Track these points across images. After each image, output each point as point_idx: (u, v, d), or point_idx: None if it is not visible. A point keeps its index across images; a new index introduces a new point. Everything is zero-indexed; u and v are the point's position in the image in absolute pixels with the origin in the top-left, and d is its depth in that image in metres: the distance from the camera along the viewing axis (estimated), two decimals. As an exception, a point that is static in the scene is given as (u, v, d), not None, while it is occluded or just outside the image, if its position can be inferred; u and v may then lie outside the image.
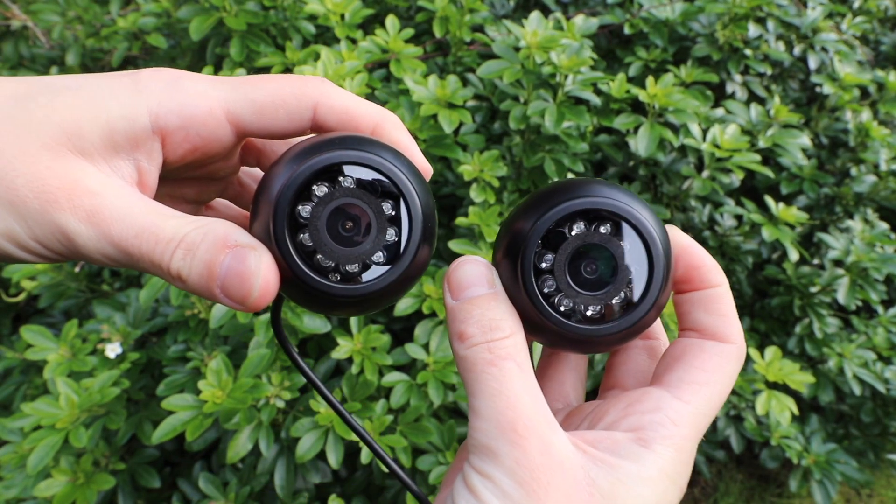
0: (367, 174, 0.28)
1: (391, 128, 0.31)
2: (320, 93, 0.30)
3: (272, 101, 0.29)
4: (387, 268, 0.28)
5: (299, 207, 0.27)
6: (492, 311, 0.29)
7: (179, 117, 0.28)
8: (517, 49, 1.17)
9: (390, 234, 0.28)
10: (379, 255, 0.28)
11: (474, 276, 0.30)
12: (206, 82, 0.29)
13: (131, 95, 0.27)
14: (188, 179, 0.35)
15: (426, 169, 0.32)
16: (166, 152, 0.29)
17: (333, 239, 0.28)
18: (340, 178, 0.28)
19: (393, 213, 0.28)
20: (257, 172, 0.38)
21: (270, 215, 0.27)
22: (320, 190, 0.28)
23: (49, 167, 0.26)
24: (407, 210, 0.28)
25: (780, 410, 1.22)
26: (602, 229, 0.29)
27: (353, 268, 0.28)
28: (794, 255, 1.31)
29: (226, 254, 0.26)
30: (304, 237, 0.27)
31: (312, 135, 0.31)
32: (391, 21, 1.23)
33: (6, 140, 0.25)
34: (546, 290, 0.29)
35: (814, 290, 1.42)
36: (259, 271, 0.26)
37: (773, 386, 1.28)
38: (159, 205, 0.27)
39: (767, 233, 1.29)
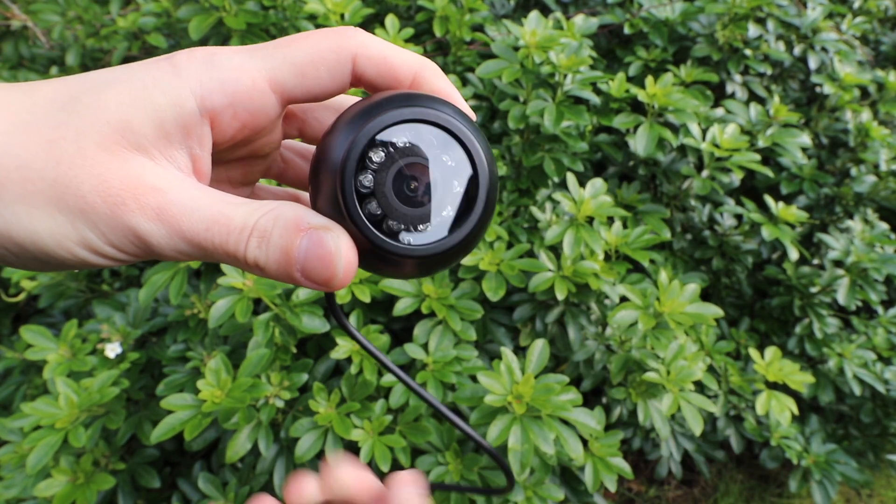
0: (426, 130, 0.28)
1: (431, 76, 0.31)
2: (357, 43, 0.29)
3: (311, 60, 0.29)
4: (460, 220, 0.28)
5: (360, 176, 0.27)
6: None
7: (224, 95, 0.27)
8: (516, 49, 1.17)
9: (456, 186, 0.28)
10: (449, 210, 0.28)
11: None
12: (242, 53, 0.28)
13: (173, 81, 0.27)
14: (233, 161, 0.34)
15: (471, 115, 0.32)
16: (215, 134, 0.29)
17: (401, 201, 0.27)
18: (397, 139, 0.27)
19: (456, 166, 0.28)
20: (298, 147, 0.37)
21: (337, 189, 0.27)
22: (377, 155, 0.27)
23: (109, 168, 0.25)
24: (470, 159, 0.28)
25: (780, 410, 1.22)
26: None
27: (424, 226, 0.28)
28: (794, 255, 1.31)
29: (301, 237, 0.26)
30: (372, 205, 0.27)
31: (357, 98, 0.30)
32: (391, 20, 1.23)
33: (62, 147, 0.25)
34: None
35: (814, 290, 1.42)
36: (340, 251, 0.26)
37: (773, 386, 1.28)
38: (222, 193, 0.27)
39: (767, 232, 1.29)
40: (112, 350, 1.01)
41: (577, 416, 0.93)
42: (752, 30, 1.46)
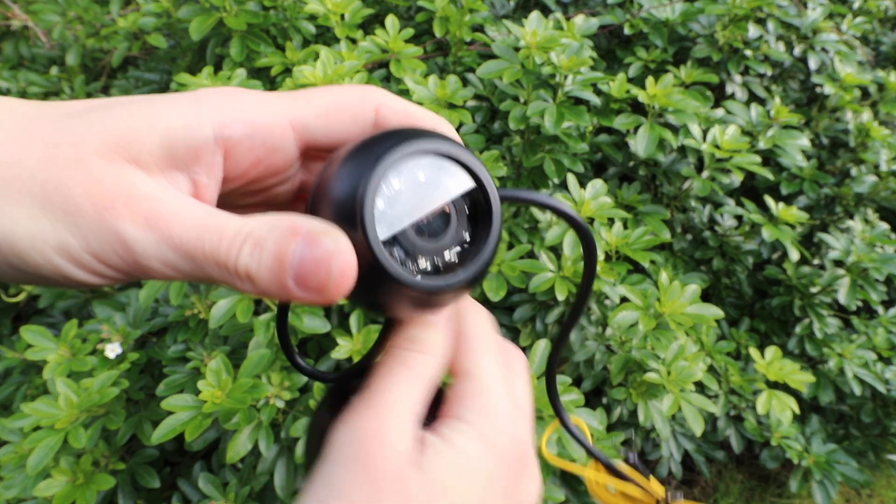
0: (447, 165, 0.27)
1: (448, 134, 0.30)
2: (380, 95, 0.29)
3: (336, 104, 0.28)
4: (465, 263, 0.27)
5: (377, 199, 0.25)
6: (424, 335, 0.29)
7: (244, 125, 0.27)
8: (517, 49, 1.17)
9: (468, 227, 0.27)
10: (458, 249, 0.27)
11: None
12: (265, 94, 0.28)
13: (193, 107, 0.26)
14: (246, 207, 0.33)
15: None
16: (228, 166, 0.28)
17: (416, 233, 0.26)
18: (417, 171, 0.26)
19: (470, 205, 0.27)
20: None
21: (356, 204, 0.25)
22: (398, 182, 0.26)
23: (105, 175, 0.24)
24: (486, 201, 0.27)
25: (781, 410, 1.22)
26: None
27: (428, 262, 0.27)
28: (794, 255, 1.31)
29: (297, 241, 0.24)
30: (381, 230, 0.25)
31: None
32: (391, 21, 1.23)
33: (61, 149, 0.24)
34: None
35: (814, 290, 1.42)
36: (337, 251, 0.23)
37: (773, 386, 1.28)
38: (220, 210, 0.26)
39: (767, 233, 1.29)
40: (112, 350, 1.01)
41: (579, 416, 0.93)
42: (753, 30, 1.46)
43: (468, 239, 0.28)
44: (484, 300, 1.10)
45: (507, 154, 1.26)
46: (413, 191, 0.26)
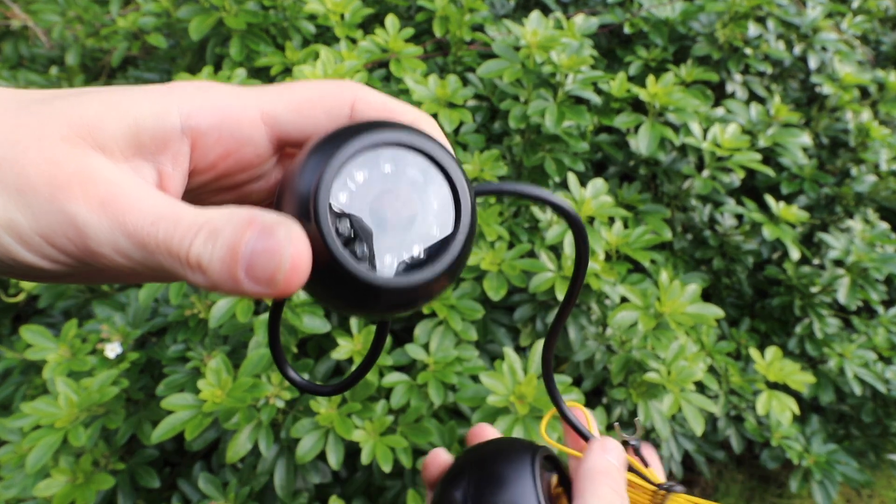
0: (414, 158, 0.26)
1: (427, 127, 0.30)
2: (357, 89, 0.29)
3: (309, 98, 0.28)
4: (432, 260, 0.26)
5: (338, 193, 0.25)
6: (619, 476, 0.37)
7: (212, 116, 0.26)
8: (517, 48, 1.16)
9: (435, 224, 0.26)
10: (421, 247, 0.26)
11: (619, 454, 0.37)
12: (239, 87, 0.28)
13: (162, 97, 0.26)
14: (220, 203, 0.32)
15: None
16: (196, 157, 0.27)
17: (374, 227, 0.25)
18: (382, 162, 0.25)
19: (438, 202, 0.26)
20: None
21: (310, 197, 0.24)
22: (361, 174, 0.25)
23: (66, 157, 0.23)
24: (455, 198, 0.26)
25: (781, 410, 1.22)
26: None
27: (392, 259, 0.25)
28: (795, 254, 1.31)
29: (251, 231, 0.23)
30: (342, 224, 0.25)
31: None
32: (391, 20, 1.23)
33: (23, 131, 0.24)
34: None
35: (814, 290, 1.42)
36: (289, 241, 0.22)
37: (773, 386, 1.28)
38: (181, 201, 0.25)
39: (768, 232, 1.29)
40: (112, 350, 1.01)
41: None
42: (753, 29, 1.46)
43: (437, 234, 0.26)
44: (484, 300, 1.10)
45: (507, 153, 1.26)
46: (377, 184, 0.25)
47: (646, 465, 0.38)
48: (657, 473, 0.39)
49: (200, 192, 0.30)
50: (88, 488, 0.93)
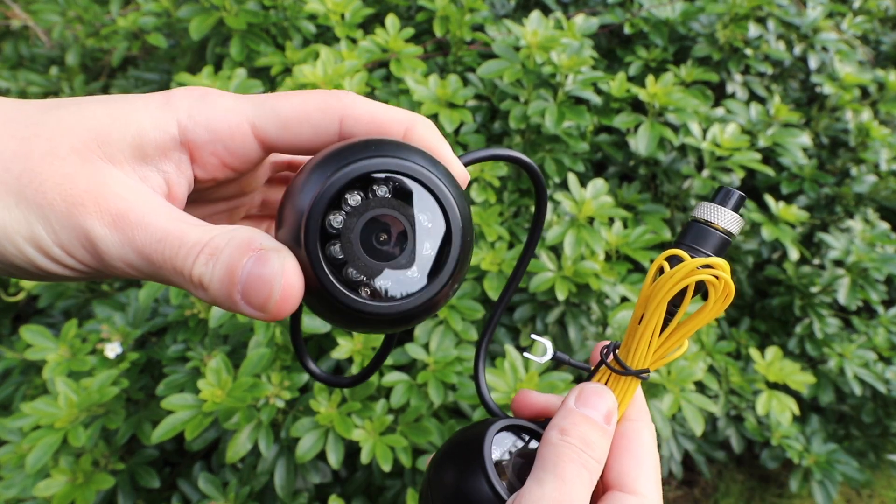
0: (405, 183, 0.26)
1: (423, 132, 0.30)
2: (345, 104, 0.29)
3: (296, 115, 0.29)
4: (421, 285, 0.26)
5: (330, 217, 0.25)
6: (599, 441, 0.32)
7: (207, 131, 0.28)
8: (517, 49, 1.16)
9: (426, 247, 0.27)
10: (413, 271, 0.26)
11: (604, 406, 0.34)
12: (233, 98, 0.29)
13: (161, 108, 0.27)
14: (219, 200, 0.34)
15: (462, 175, 0.31)
16: (196, 168, 0.29)
17: (366, 251, 0.26)
18: (375, 187, 0.26)
19: (430, 225, 0.27)
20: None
21: (301, 222, 0.25)
22: (353, 199, 0.26)
23: (78, 171, 0.25)
24: (446, 223, 0.27)
25: (781, 410, 1.22)
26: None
27: (384, 283, 0.26)
28: (794, 254, 1.31)
29: (249, 257, 0.25)
30: (335, 248, 0.25)
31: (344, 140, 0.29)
32: (391, 20, 1.23)
33: (36, 144, 0.25)
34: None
35: (814, 290, 1.42)
36: (281, 272, 0.24)
37: (773, 386, 1.28)
38: (186, 214, 0.27)
39: (767, 232, 1.29)
40: (112, 350, 1.01)
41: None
42: (753, 29, 1.46)
43: (430, 259, 0.27)
44: (484, 300, 1.10)
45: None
46: (370, 207, 0.26)
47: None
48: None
49: (201, 198, 0.31)
50: (88, 488, 0.93)
